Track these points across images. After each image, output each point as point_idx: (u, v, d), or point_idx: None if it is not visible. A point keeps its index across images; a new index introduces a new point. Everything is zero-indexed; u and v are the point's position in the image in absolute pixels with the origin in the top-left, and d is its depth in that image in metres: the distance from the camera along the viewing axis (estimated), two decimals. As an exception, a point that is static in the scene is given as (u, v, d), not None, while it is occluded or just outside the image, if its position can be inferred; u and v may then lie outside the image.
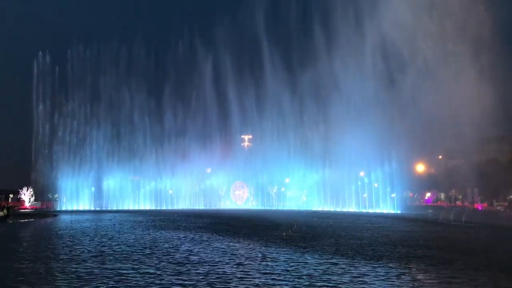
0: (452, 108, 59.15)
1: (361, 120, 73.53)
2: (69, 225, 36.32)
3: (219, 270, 14.04)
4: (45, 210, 79.12)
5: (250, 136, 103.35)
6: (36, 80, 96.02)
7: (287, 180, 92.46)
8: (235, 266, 14.72)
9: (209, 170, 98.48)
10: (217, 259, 16.33)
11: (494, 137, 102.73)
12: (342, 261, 15.73)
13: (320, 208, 78.76)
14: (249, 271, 13.71)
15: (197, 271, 13.77)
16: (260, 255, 17.37)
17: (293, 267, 14.49)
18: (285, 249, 19.21)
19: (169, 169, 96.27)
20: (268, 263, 15.48)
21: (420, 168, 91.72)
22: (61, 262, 15.78)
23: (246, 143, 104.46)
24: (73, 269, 14.13)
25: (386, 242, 22.35)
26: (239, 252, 18.57)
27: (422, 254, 17.76)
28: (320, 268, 14.39)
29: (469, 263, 15.33)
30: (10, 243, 23.38)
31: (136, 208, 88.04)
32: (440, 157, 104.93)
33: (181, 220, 43.76)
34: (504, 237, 27.26)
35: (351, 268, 14.29)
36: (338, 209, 75.19)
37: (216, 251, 18.86)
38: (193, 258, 16.69)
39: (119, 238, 24.69)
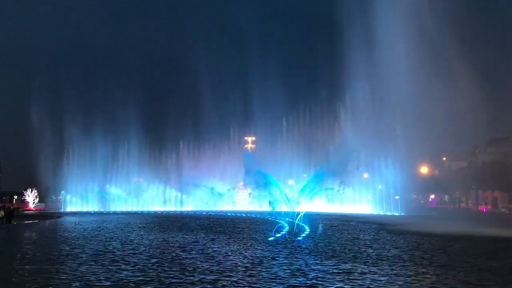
0: (456, 109, 59.00)
1: (366, 122, 73.55)
2: (73, 227, 36.40)
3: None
4: (49, 212, 79.37)
5: (254, 138, 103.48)
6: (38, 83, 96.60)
7: (290, 182, 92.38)
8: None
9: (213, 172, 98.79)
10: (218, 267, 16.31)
11: (498, 139, 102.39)
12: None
13: (323, 210, 78.61)
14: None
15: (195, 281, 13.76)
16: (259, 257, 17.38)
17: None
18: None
19: (173, 171, 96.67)
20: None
21: (424, 170, 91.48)
22: (63, 264, 15.83)
23: (249, 145, 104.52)
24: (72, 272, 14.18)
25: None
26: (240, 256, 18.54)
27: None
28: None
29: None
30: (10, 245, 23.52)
31: (140, 210, 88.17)
32: (444, 158, 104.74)
33: (186, 222, 43.81)
34: None
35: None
36: (342, 211, 75.08)
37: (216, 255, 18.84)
38: (189, 261, 16.72)
39: (129, 241, 24.73)
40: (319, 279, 12.89)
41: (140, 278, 12.91)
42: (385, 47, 65.88)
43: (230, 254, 18.38)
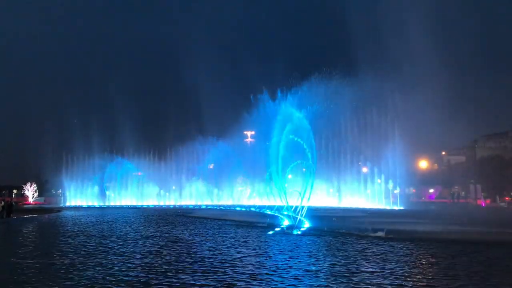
0: (455, 104, 59.10)
1: (365, 117, 73.56)
2: (71, 221, 36.44)
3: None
4: (49, 206, 79.36)
5: (253, 132, 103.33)
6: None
7: (289, 176, 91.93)
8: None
9: (211, 166, 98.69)
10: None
11: (497, 134, 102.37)
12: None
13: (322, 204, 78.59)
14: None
15: None
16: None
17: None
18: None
19: (172, 165, 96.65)
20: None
21: (423, 164, 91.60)
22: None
23: (249, 140, 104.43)
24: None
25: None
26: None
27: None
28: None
29: None
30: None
31: (140, 204, 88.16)
32: (444, 153, 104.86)
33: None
34: None
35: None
36: (341, 205, 75.11)
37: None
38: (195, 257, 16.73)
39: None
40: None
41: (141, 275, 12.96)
42: (389, 41, 65.78)
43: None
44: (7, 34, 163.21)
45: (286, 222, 31.04)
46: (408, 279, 11.99)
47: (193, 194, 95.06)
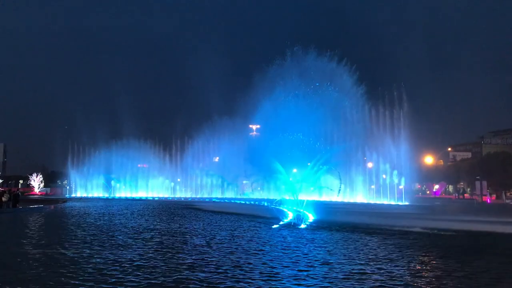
0: (461, 100, 58.69)
1: (369, 111, 73.29)
2: (77, 212, 36.65)
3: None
4: (54, 197, 79.90)
5: (258, 126, 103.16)
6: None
7: (294, 170, 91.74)
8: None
9: (216, 159, 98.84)
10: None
11: (503, 130, 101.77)
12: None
13: (327, 198, 78.45)
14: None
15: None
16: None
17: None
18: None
19: (176, 158, 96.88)
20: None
21: (429, 160, 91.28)
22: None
23: (254, 133, 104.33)
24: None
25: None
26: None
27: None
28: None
29: None
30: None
31: (144, 196, 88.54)
32: (449, 149, 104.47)
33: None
34: None
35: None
36: (346, 200, 74.96)
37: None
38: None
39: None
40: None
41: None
42: (396, 36, 65.26)
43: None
44: (7, 30, 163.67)
45: (291, 216, 31.05)
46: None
47: (198, 187, 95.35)
